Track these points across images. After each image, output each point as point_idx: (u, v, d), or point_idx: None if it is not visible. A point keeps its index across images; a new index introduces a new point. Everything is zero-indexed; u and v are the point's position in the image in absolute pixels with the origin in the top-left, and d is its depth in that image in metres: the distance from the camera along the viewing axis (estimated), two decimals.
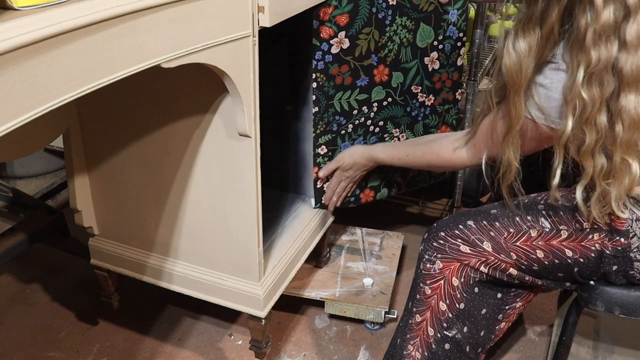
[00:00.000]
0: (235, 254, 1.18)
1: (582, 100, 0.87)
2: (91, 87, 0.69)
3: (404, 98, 1.42)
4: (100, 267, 1.34)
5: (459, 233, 1.04)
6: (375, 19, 1.27)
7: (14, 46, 0.58)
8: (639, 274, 0.97)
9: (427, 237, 1.07)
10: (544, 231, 1.00)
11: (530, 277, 1.04)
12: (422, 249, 1.07)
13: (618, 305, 1.00)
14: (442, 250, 1.04)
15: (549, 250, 1.00)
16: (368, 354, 1.43)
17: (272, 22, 0.98)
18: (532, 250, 1.00)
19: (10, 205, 1.51)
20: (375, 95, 1.37)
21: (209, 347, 1.44)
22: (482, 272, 1.04)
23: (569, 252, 0.99)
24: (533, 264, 1.01)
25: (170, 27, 0.79)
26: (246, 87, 0.98)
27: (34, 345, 1.44)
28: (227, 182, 1.11)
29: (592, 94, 0.86)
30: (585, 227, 0.97)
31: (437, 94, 1.46)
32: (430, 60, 1.40)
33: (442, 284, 1.05)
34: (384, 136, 1.44)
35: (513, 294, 1.10)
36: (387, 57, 1.34)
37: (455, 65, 1.44)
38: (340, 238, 1.68)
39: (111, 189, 1.25)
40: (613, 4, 0.83)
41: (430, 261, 1.05)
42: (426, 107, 1.46)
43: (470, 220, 1.05)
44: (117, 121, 1.16)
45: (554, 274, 1.02)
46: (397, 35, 1.33)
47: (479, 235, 1.03)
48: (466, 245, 1.03)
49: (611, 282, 1.00)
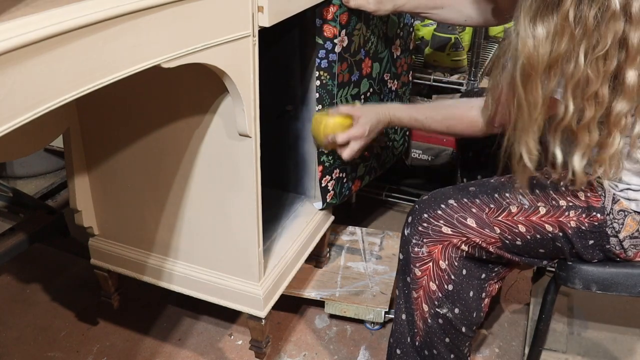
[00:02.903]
0: (235, 254, 1.18)
1: (585, 77, 0.88)
2: (91, 87, 0.69)
3: (379, 87, 1.48)
4: (100, 267, 1.34)
5: (442, 213, 1.06)
6: (363, 14, 1.30)
7: (14, 46, 0.58)
8: (615, 248, 1.01)
9: (411, 220, 1.08)
10: (523, 207, 1.03)
11: (510, 255, 1.06)
12: (408, 233, 1.08)
13: (595, 282, 1.04)
14: (426, 234, 1.06)
15: (530, 225, 1.02)
16: (368, 354, 1.43)
17: (271, 22, 0.98)
18: (514, 225, 1.03)
19: (10, 205, 1.51)
20: (363, 88, 1.41)
21: (209, 347, 1.44)
22: (462, 250, 1.06)
23: (548, 227, 1.02)
24: (516, 238, 1.04)
25: (170, 27, 0.79)
26: (246, 87, 0.98)
27: (34, 345, 1.44)
28: (227, 182, 1.11)
29: (596, 69, 0.87)
30: (561, 205, 1.01)
31: (398, 79, 1.55)
32: (396, 47, 1.49)
33: (431, 265, 1.07)
34: None
35: (494, 273, 1.13)
36: (370, 50, 1.39)
37: (409, 49, 1.57)
38: (340, 238, 1.68)
39: (111, 189, 1.25)
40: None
41: (417, 245, 1.07)
42: (392, 92, 1.55)
43: (451, 199, 1.07)
44: (117, 121, 1.16)
45: (535, 249, 1.05)
46: (376, 27, 1.38)
47: (462, 213, 1.05)
48: (448, 226, 1.05)
49: (586, 260, 1.04)
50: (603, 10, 0.85)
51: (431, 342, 1.11)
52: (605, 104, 0.90)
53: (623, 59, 0.87)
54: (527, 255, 1.07)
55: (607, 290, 1.04)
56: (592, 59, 0.87)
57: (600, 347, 1.39)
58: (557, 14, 0.88)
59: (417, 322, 1.11)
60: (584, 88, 0.89)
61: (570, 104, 0.91)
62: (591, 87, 0.89)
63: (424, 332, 1.11)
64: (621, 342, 1.40)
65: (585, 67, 0.88)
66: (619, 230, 0.99)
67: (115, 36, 0.70)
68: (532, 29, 0.90)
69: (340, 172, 1.43)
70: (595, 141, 0.93)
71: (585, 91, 0.89)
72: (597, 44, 0.87)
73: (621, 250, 1.01)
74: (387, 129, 1.57)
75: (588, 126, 0.92)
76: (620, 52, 0.87)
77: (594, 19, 0.86)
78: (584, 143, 0.93)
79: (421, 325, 1.11)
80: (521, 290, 1.63)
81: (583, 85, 0.89)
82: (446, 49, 1.75)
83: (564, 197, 1.02)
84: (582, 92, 0.90)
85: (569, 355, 1.35)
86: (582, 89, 0.89)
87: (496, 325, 1.51)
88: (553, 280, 1.10)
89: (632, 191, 0.99)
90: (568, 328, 1.42)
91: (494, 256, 1.07)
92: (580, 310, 1.47)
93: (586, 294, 1.07)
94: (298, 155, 1.45)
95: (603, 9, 0.85)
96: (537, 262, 1.09)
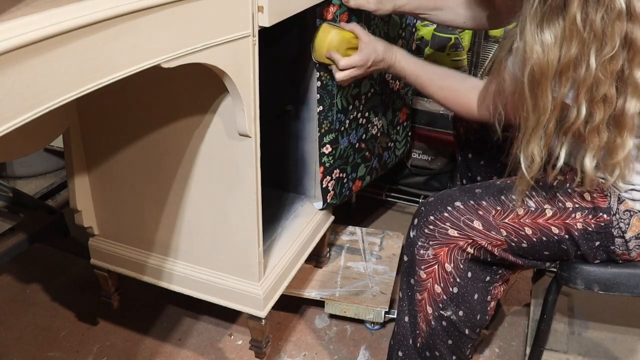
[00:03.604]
0: (235, 254, 1.18)
1: (596, 80, 0.87)
2: (91, 87, 0.69)
3: (380, 87, 1.48)
4: (100, 267, 1.34)
5: (448, 216, 1.05)
6: (364, 14, 1.30)
7: (14, 46, 0.58)
8: (619, 249, 1.01)
9: (417, 222, 1.08)
10: (529, 210, 1.02)
11: (514, 257, 1.06)
12: (414, 235, 1.08)
13: (596, 282, 1.04)
14: (432, 236, 1.06)
15: (536, 227, 1.02)
16: (368, 354, 1.43)
17: (271, 22, 0.98)
18: (520, 227, 1.03)
19: (10, 205, 1.51)
20: (363, 88, 1.41)
21: (209, 347, 1.44)
22: (468, 252, 1.06)
23: (555, 230, 1.01)
24: (522, 241, 1.03)
25: (170, 27, 0.79)
26: (246, 87, 0.98)
27: (34, 345, 1.44)
28: (227, 182, 1.11)
29: (605, 71, 0.87)
30: (568, 207, 1.01)
31: (400, 79, 1.54)
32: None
33: (436, 268, 1.07)
34: (368, 126, 1.49)
35: (498, 275, 1.13)
36: None
37: (412, 50, 1.56)
38: (340, 238, 1.68)
39: (111, 189, 1.25)
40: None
41: (423, 247, 1.07)
42: (394, 92, 1.55)
43: (457, 201, 1.06)
44: (117, 121, 1.16)
45: (540, 252, 1.05)
46: (377, 27, 1.38)
47: (469, 215, 1.04)
48: (454, 229, 1.05)
49: (589, 262, 1.04)
50: (609, 11, 0.84)
51: (433, 343, 1.11)
52: (614, 104, 0.89)
53: (628, 57, 0.87)
54: (531, 257, 1.06)
55: (609, 291, 1.04)
56: (602, 61, 0.86)
57: (601, 347, 1.39)
58: (564, 18, 0.86)
59: (420, 324, 1.11)
60: (595, 91, 0.88)
61: (582, 108, 0.90)
62: (601, 89, 0.88)
63: (426, 334, 1.11)
64: (622, 342, 1.40)
65: (596, 70, 0.87)
66: (625, 231, 0.98)
67: (115, 36, 0.70)
68: (539, 34, 0.89)
69: (340, 173, 1.43)
70: (604, 142, 0.92)
71: (596, 94, 0.88)
72: (605, 45, 0.86)
73: (625, 251, 1.00)
74: (389, 128, 1.57)
75: (597, 128, 0.91)
76: (624, 51, 0.87)
77: (601, 21, 0.85)
78: (594, 145, 0.92)
79: (424, 327, 1.11)
80: (521, 291, 1.63)
81: (594, 88, 0.88)
82: (446, 49, 1.75)
83: (571, 199, 1.01)
84: (593, 95, 0.89)
85: (570, 355, 1.35)
86: (593, 92, 0.89)
87: (496, 325, 1.51)
88: (555, 280, 1.10)
89: (637, 192, 0.98)
90: (569, 328, 1.43)
91: (497, 259, 1.07)
92: (581, 311, 1.47)
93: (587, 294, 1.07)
94: (298, 155, 1.45)
95: (609, 10, 0.84)
96: (540, 265, 1.09)
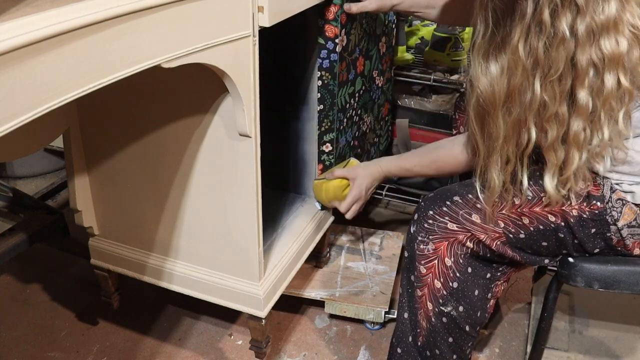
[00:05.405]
0: (235, 254, 1.18)
1: (543, 102, 0.92)
2: (91, 87, 0.69)
3: (369, 84, 1.50)
4: (100, 267, 1.34)
5: (447, 210, 1.07)
6: (363, 13, 1.31)
7: (14, 46, 0.58)
8: (614, 236, 1.01)
9: (417, 218, 1.10)
10: (526, 199, 1.03)
11: (512, 251, 1.07)
12: (414, 230, 1.09)
13: (597, 280, 1.04)
14: (432, 230, 1.07)
15: (533, 216, 1.03)
16: (368, 354, 1.43)
17: (271, 22, 0.98)
18: (518, 217, 1.04)
19: (10, 205, 1.51)
20: (357, 86, 1.42)
21: (209, 347, 1.44)
22: (467, 247, 1.07)
23: (551, 217, 1.02)
24: (520, 231, 1.05)
25: (170, 27, 0.79)
26: (246, 87, 0.98)
27: (34, 345, 1.44)
28: (227, 182, 1.11)
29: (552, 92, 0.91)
30: (563, 195, 1.03)
31: (384, 75, 1.58)
32: (382, 45, 1.51)
33: (436, 263, 1.08)
34: (360, 124, 1.51)
35: (499, 273, 1.13)
36: (363, 48, 1.40)
37: (392, 46, 1.61)
38: (340, 238, 1.68)
39: (111, 189, 1.25)
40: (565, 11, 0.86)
41: (423, 242, 1.08)
42: (379, 89, 1.58)
43: (456, 196, 1.08)
44: (117, 121, 1.16)
45: (538, 242, 1.06)
46: (367, 25, 1.40)
47: (467, 209, 1.06)
48: (453, 222, 1.06)
49: (588, 251, 1.05)
50: (551, 38, 0.88)
51: (434, 341, 1.11)
52: (567, 121, 0.93)
53: (573, 78, 0.90)
54: (529, 250, 1.07)
55: (609, 288, 1.04)
56: (547, 84, 0.91)
57: (601, 346, 1.39)
58: (507, 49, 0.91)
59: (420, 322, 1.11)
60: (542, 111, 0.92)
61: (532, 131, 0.94)
62: (549, 110, 0.92)
63: (427, 331, 1.11)
64: (623, 340, 1.40)
65: (541, 93, 0.91)
66: (617, 219, 1.00)
67: (115, 36, 0.70)
68: (485, 66, 0.94)
69: None
70: (562, 159, 0.96)
71: (544, 114, 0.93)
72: (549, 69, 0.90)
73: (620, 239, 1.02)
74: (375, 124, 1.62)
75: (553, 146, 0.95)
76: (571, 72, 0.90)
77: (544, 47, 0.89)
78: (552, 163, 0.97)
79: (424, 325, 1.11)
80: (521, 290, 1.63)
81: (541, 110, 0.93)
82: (446, 49, 1.75)
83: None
84: (541, 116, 0.93)
85: (571, 354, 1.36)
86: (541, 114, 0.93)
87: (496, 325, 1.52)
88: (555, 278, 1.10)
89: (627, 184, 1.01)
90: (569, 326, 1.43)
91: (497, 254, 1.08)
92: (582, 309, 1.47)
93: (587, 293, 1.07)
94: (298, 155, 1.45)
95: (551, 37, 0.88)
96: (540, 261, 1.09)
